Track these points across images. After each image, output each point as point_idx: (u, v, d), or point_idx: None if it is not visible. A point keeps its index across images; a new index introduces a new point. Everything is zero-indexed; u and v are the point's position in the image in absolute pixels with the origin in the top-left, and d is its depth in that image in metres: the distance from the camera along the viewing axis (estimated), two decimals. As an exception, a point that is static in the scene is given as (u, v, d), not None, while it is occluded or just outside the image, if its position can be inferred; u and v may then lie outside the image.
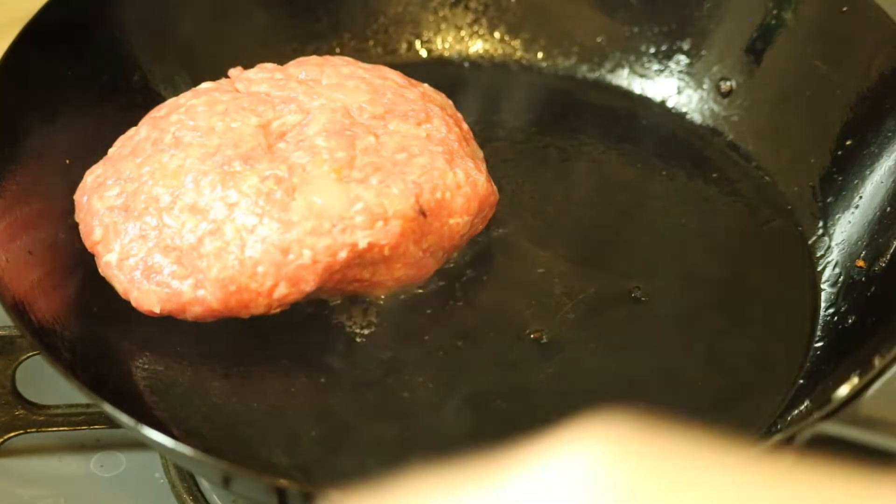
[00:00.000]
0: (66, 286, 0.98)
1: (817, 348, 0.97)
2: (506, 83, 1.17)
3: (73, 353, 0.92)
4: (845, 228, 1.03)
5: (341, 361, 0.96)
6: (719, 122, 1.14)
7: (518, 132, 1.13)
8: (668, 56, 1.15)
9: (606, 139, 1.13)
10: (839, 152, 1.06)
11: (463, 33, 1.20)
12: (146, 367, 0.95)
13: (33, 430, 0.98)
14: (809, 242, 1.04)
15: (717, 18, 1.12)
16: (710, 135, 1.14)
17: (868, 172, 1.04)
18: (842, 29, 1.08)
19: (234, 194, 0.94)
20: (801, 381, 0.95)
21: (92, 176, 1.00)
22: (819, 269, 1.02)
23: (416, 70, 1.11)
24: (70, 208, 1.00)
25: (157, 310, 0.94)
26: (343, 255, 0.92)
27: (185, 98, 1.02)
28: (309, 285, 0.93)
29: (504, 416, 0.93)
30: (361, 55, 1.16)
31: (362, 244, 0.92)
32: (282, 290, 0.93)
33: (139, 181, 0.96)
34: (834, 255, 1.02)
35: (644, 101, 1.16)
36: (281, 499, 0.80)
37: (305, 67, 1.04)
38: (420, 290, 1.00)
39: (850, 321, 0.97)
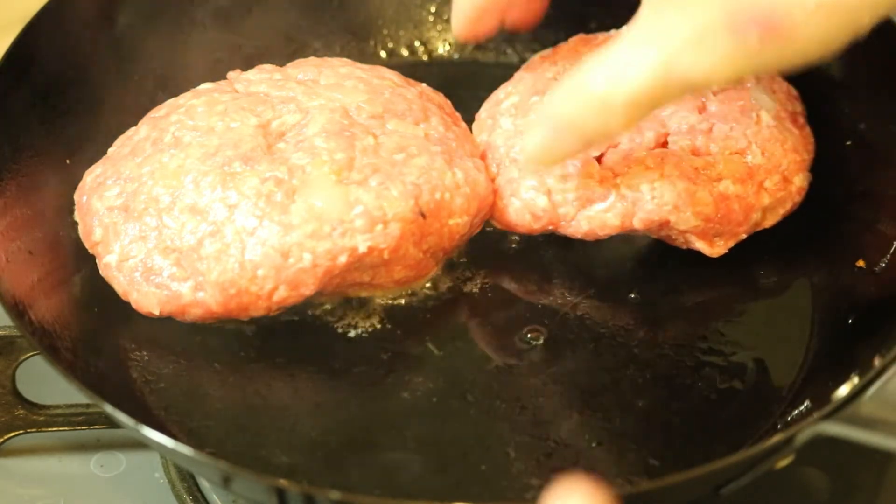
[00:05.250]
0: (66, 286, 0.98)
1: (817, 348, 0.97)
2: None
3: (73, 353, 0.92)
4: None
5: (341, 362, 0.96)
6: (719, 121, 1.14)
7: (518, 132, 1.13)
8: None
9: (606, 139, 1.13)
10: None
11: (463, 34, 1.20)
12: (146, 367, 0.95)
13: (33, 430, 0.98)
14: (810, 242, 1.04)
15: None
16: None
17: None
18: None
19: (234, 195, 0.94)
20: (801, 381, 0.95)
21: (92, 176, 1.00)
22: (819, 269, 1.02)
23: (416, 71, 1.11)
24: (70, 208, 1.00)
25: (156, 311, 0.94)
26: (343, 259, 0.92)
27: (185, 98, 1.02)
28: (309, 289, 0.93)
29: (504, 415, 0.93)
30: (362, 56, 1.16)
31: (362, 248, 0.92)
32: (281, 294, 0.92)
33: (139, 181, 0.97)
34: (834, 256, 1.02)
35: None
36: (281, 499, 0.80)
37: (304, 68, 1.04)
38: (420, 291, 1.00)
39: (850, 321, 0.97)
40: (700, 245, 0.99)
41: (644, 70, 0.81)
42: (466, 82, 1.17)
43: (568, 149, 0.88)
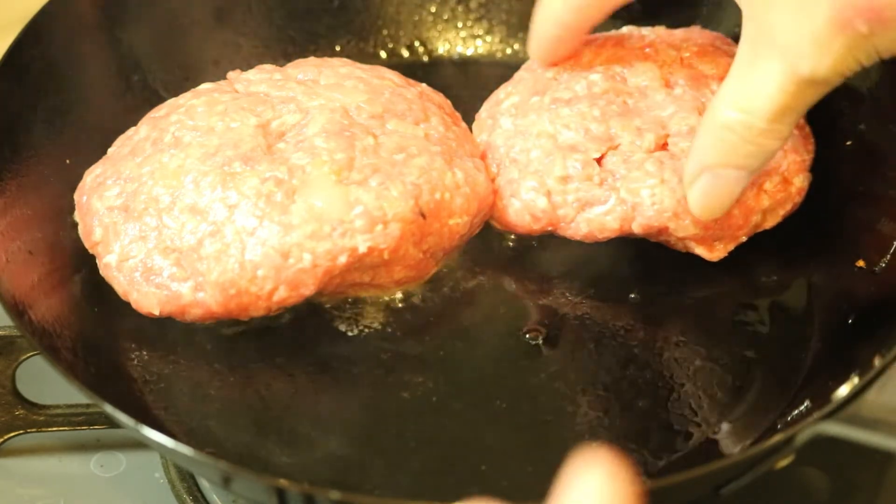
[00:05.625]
0: (66, 286, 0.98)
1: (817, 348, 0.97)
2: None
3: (73, 353, 0.92)
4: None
5: (341, 362, 0.96)
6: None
7: (518, 132, 1.13)
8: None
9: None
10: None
11: (463, 34, 1.20)
12: (146, 367, 0.95)
13: (33, 430, 0.98)
14: (810, 242, 1.04)
15: (717, 20, 1.12)
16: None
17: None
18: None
19: (234, 195, 0.93)
20: (801, 381, 0.95)
21: (91, 176, 1.00)
22: (819, 269, 1.02)
23: (417, 71, 1.11)
24: (70, 208, 1.00)
25: (156, 312, 0.94)
26: (343, 259, 0.92)
27: (185, 98, 1.02)
28: (309, 289, 0.93)
29: (504, 415, 0.93)
30: (362, 56, 1.16)
31: (362, 248, 0.92)
32: (281, 294, 0.92)
33: (139, 181, 0.96)
34: (834, 256, 1.02)
35: (644, 100, 1.16)
36: (281, 499, 0.80)
37: (304, 68, 1.04)
38: (420, 291, 1.00)
39: (850, 321, 0.97)
40: (699, 250, 0.99)
41: (773, 82, 0.84)
42: (466, 82, 1.17)
43: (737, 186, 0.90)
